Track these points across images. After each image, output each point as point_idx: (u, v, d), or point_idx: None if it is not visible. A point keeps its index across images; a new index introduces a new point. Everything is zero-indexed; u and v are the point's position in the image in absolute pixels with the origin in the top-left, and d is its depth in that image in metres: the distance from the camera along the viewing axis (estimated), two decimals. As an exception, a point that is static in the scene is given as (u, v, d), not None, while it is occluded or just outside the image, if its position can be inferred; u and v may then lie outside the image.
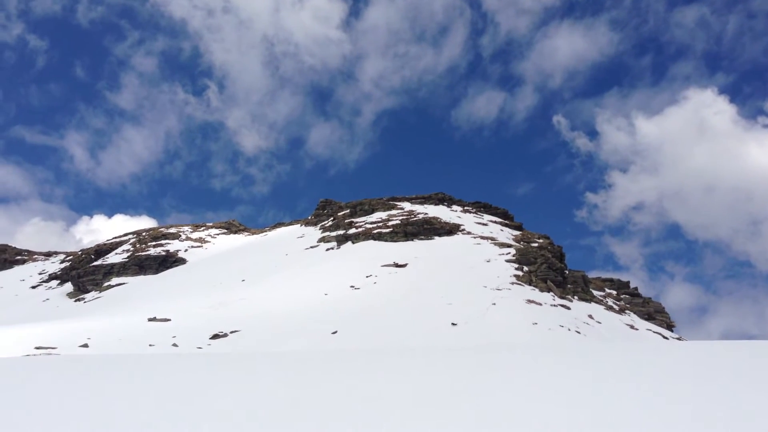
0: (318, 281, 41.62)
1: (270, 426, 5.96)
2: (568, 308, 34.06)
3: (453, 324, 25.56)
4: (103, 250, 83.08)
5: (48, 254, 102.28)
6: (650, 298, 58.52)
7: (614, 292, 58.84)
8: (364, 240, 57.07)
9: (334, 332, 26.27)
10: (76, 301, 64.93)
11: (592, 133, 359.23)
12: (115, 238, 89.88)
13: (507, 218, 70.79)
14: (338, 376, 9.30)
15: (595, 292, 49.59)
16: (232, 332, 27.56)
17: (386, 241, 55.49)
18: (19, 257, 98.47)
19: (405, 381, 8.49)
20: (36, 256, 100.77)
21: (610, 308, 43.02)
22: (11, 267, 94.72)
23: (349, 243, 57.73)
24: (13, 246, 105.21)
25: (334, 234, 63.09)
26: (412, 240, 54.57)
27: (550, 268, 40.78)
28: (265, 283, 44.10)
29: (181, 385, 8.69)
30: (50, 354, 22.51)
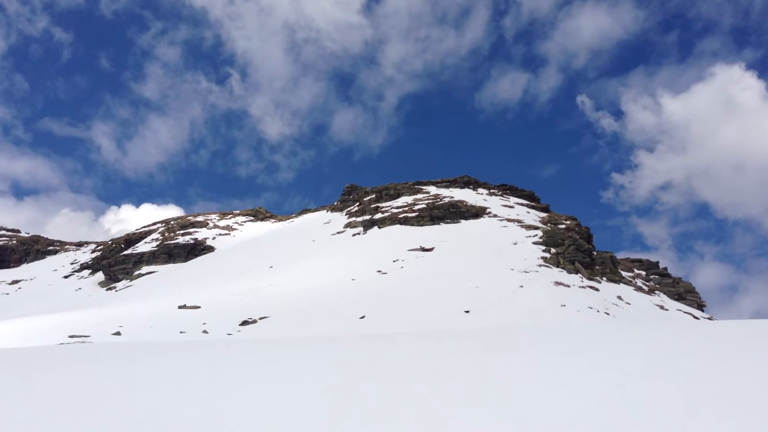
0: (345, 266, 41.80)
1: (305, 410, 6.03)
2: (597, 289, 33.81)
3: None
4: (132, 239, 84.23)
5: (79, 244, 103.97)
6: (680, 278, 57.86)
7: (643, 273, 58.28)
8: (390, 225, 57.10)
9: (362, 317, 26.41)
10: (107, 290, 66.01)
11: (618, 113, 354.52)
12: (144, 227, 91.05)
13: (533, 200, 70.32)
14: (366, 359, 9.36)
15: (623, 273, 49.13)
16: (261, 318, 27.83)
17: (412, 225, 55.47)
18: (51, 248, 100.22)
19: (432, 365, 8.51)
20: (67, 246, 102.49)
21: (639, 289, 42.61)
22: (44, 257, 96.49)
23: (375, 228, 57.81)
24: (45, 237, 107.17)
25: (360, 219, 63.22)
26: (438, 224, 54.48)
27: (578, 250, 40.47)
28: (292, 269, 44.40)
29: (212, 371, 8.81)
30: (84, 342, 22.92)
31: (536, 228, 47.63)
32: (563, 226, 49.33)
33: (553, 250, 40.10)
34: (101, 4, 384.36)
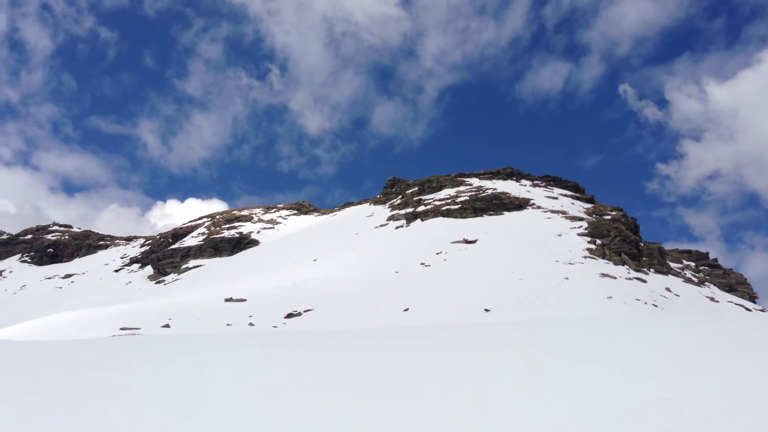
0: (388, 259, 41.91)
1: (349, 400, 6.11)
2: (644, 281, 33.25)
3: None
4: (179, 233, 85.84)
5: (129, 239, 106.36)
6: (731, 269, 56.54)
7: (692, 264, 57.08)
8: (432, 217, 57.02)
9: (406, 309, 26.48)
10: (156, 283, 67.41)
11: (661, 102, 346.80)
12: (191, 221, 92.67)
13: (578, 191, 69.36)
14: (411, 352, 9.41)
15: (672, 265, 48.19)
16: (305, 311, 28.11)
17: (455, 217, 55.30)
18: (101, 242, 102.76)
19: (476, 357, 8.52)
20: (117, 240, 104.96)
21: (688, 280, 41.76)
22: (95, 252, 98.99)
23: (418, 220, 57.78)
24: (96, 232, 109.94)
25: (403, 212, 63.25)
26: (482, 216, 54.19)
27: (624, 241, 39.82)
28: (336, 262, 44.71)
29: (258, 362, 8.97)
30: (134, 334, 23.48)
31: (581, 219, 47.00)
32: (609, 217, 48.58)
33: (598, 242, 39.54)
34: (145, 4, 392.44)
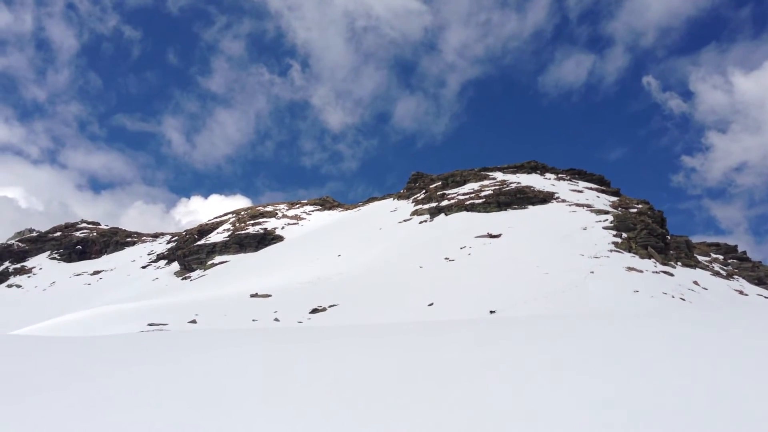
0: (412, 254, 41.93)
1: (376, 396, 6.15)
2: (672, 275, 32.89)
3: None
4: (205, 230, 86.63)
5: (155, 235, 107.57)
6: (759, 262, 55.70)
7: (721, 257, 56.30)
8: (456, 211, 56.90)
9: (431, 304, 26.50)
10: (182, 279, 68.17)
11: (686, 94, 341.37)
12: (216, 218, 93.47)
13: (603, 184, 68.74)
14: (433, 347, 9.43)
15: (700, 258, 47.60)
16: (330, 306, 28.27)
17: (479, 211, 55.13)
18: (129, 239, 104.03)
19: (502, 352, 8.52)
20: (144, 237, 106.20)
21: (716, 274, 41.21)
22: (122, 248, 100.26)
23: (442, 215, 57.71)
24: (124, 229, 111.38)
25: (426, 207, 63.18)
26: (506, 210, 53.97)
27: (651, 234, 39.40)
28: (360, 258, 44.82)
29: (284, 358, 9.05)
30: (162, 330, 23.79)
31: (607, 212, 46.60)
32: (635, 210, 48.09)
33: (624, 235, 39.18)
34: (168, 2, 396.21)
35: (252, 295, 32.49)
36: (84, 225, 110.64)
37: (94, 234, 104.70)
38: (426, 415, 5.29)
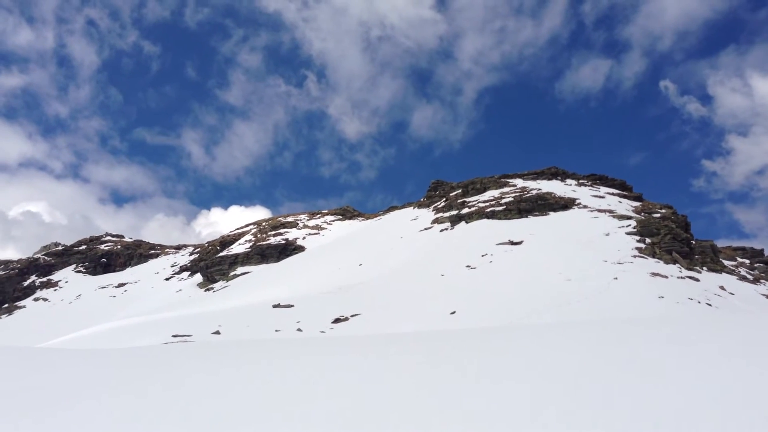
0: (433, 262, 41.84)
1: (399, 405, 6.14)
2: (697, 280, 32.48)
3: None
4: (227, 241, 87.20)
5: (178, 247, 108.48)
6: (788, 266, 54.74)
7: (747, 262, 55.49)
8: (477, 219, 56.73)
9: (453, 312, 26.40)
10: (205, 290, 68.59)
11: (705, 98, 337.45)
12: (237, 229, 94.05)
13: (625, 189, 68.12)
14: (456, 355, 9.38)
15: (725, 262, 46.96)
16: (352, 316, 28.26)
17: (500, 218, 54.91)
18: (152, 251, 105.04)
19: (528, 359, 8.46)
20: (167, 249, 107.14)
21: (743, 278, 40.61)
22: (146, 261, 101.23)
23: (463, 223, 57.56)
24: (147, 241, 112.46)
25: (447, 214, 63.07)
26: (527, 216, 53.69)
27: (675, 239, 38.98)
28: (381, 266, 44.81)
29: (307, 367, 9.06)
30: (186, 341, 23.92)
31: (629, 218, 46.18)
32: (658, 215, 47.60)
33: (648, 240, 38.79)
34: (186, 16, 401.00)
35: (274, 306, 32.59)
36: (108, 238, 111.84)
37: (118, 247, 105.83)
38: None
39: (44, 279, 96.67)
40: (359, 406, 6.09)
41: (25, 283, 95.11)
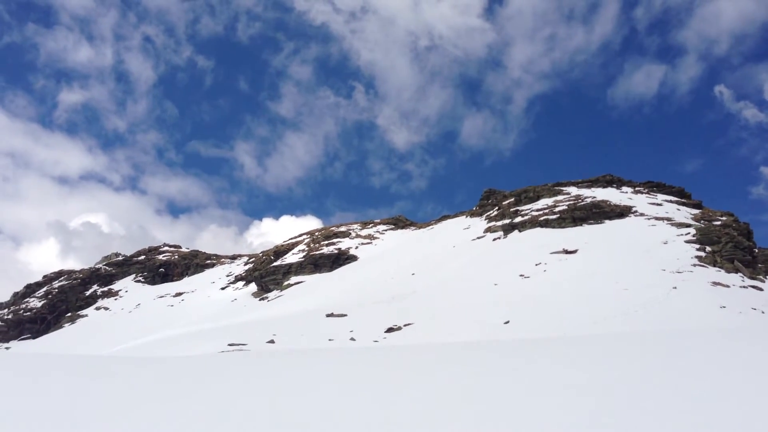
0: (486, 271, 41.55)
1: (448, 414, 6.18)
2: (761, 289, 31.43)
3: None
4: (281, 251, 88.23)
5: (233, 257, 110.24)
6: None
7: (814, 270, 53.38)
8: (530, 228, 56.10)
9: (507, 322, 26.17)
10: (260, 300, 69.49)
11: (762, 103, 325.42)
12: (291, 239, 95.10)
13: (683, 197, 66.40)
14: (512, 366, 9.35)
15: (791, 271, 45.26)
16: (405, 325, 28.29)
17: (553, 227, 54.19)
18: (208, 261, 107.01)
19: (588, 371, 8.38)
20: (223, 259, 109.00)
21: (810, 288, 39.10)
22: (202, 270, 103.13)
23: (516, 231, 57.01)
24: (203, 251, 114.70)
25: (500, 223, 62.56)
26: (581, 225, 52.83)
27: (737, 247, 37.82)
28: (434, 276, 44.72)
29: (361, 376, 9.16)
30: (241, 350, 24.34)
31: (688, 226, 45.01)
32: (718, 223, 46.27)
33: (708, 249, 37.74)
34: (238, 31, 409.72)
35: (328, 315, 32.87)
36: (166, 248, 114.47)
37: (176, 257, 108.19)
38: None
39: (105, 288, 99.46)
40: (414, 417, 6.14)
41: (87, 293, 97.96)
